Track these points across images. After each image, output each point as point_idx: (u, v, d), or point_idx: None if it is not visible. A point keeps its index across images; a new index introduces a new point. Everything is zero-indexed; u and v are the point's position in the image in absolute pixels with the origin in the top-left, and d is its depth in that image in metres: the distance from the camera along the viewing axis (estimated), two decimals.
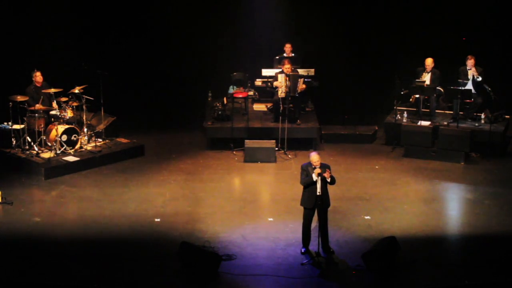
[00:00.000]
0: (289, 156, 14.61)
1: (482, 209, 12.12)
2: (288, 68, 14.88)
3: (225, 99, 15.74)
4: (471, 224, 11.59)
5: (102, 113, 14.63)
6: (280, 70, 15.04)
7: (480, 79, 14.82)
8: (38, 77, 14.05)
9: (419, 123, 14.93)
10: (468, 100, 15.02)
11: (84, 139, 14.35)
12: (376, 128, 15.99)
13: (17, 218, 11.62)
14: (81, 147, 14.17)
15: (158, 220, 11.60)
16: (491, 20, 16.68)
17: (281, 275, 9.81)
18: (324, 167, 10.17)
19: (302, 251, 10.45)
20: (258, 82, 16.45)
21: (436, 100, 15.51)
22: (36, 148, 13.77)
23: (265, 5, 17.11)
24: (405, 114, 15.37)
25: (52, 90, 13.92)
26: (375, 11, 17.30)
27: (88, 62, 14.69)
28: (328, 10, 17.20)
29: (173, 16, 17.01)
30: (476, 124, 14.88)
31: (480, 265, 10.16)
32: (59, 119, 13.84)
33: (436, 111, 15.54)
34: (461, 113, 15.14)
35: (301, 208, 10.45)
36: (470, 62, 14.88)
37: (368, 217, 11.71)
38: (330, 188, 10.34)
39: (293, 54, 16.19)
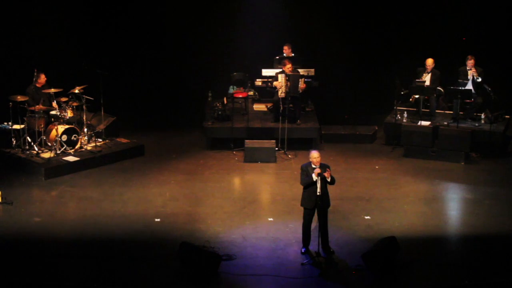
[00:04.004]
0: (289, 156, 14.62)
1: (482, 209, 12.12)
2: (289, 68, 14.89)
3: (225, 99, 15.74)
4: (471, 224, 11.60)
5: (102, 113, 14.62)
6: (281, 70, 15.04)
7: (480, 79, 14.81)
8: (42, 79, 14.05)
9: (419, 123, 14.93)
10: (468, 100, 15.03)
11: (84, 139, 14.35)
12: (376, 128, 15.99)
13: (17, 218, 11.62)
14: (81, 147, 14.17)
15: (158, 220, 11.60)
16: (491, 20, 16.68)
17: (281, 275, 9.81)
18: (324, 167, 10.17)
19: (302, 251, 10.45)
20: (258, 82, 16.46)
21: (436, 100, 15.51)
22: (36, 148, 13.77)
23: (265, 5, 17.12)
24: (405, 114, 15.37)
25: (52, 90, 13.91)
26: (375, 11, 17.30)
27: (88, 62, 14.69)
28: (328, 10, 17.21)
29: (173, 16, 17.02)
30: (476, 124, 14.88)
31: (480, 265, 10.16)
32: (59, 119, 13.84)
33: (436, 111, 15.54)
34: (461, 113, 15.14)
35: (301, 208, 10.45)
36: (470, 62, 14.88)
37: (368, 217, 11.71)
38: (330, 188, 10.34)
39: (293, 54, 16.20)
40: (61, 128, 13.76)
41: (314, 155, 10.16)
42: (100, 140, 14.64)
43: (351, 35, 17.33)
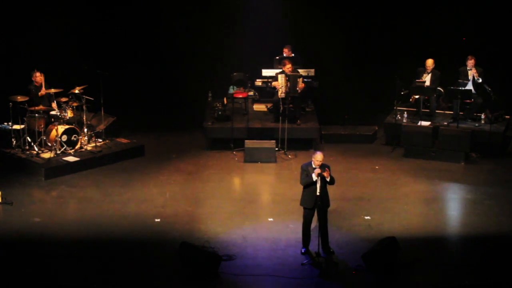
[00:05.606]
0: (289, 156, 14.61)
1: (482, 209, 12.12)
2: (289, 68, 14.88)
3: (225, 99, 15.74)
4: (471, 224, 11.60)
5: (102, 113, 14.62)
6: (281, 70, 15.03)
7: (480, 79, 14.80)
8: (38, 77, 14.04)
9: (419, 123, 14.93)
10: (468, 100, 15.02)
11: (84, 139, 14.34)
12: (376, 128, 15.98)
13: (17, 218, 11.62)
14: (81, 147, 14.16)
15: (158, 220, 11.60)
16: (491, 20, 16.69)
17: (281, 275, 9.81)
18: (324, 167, 10.17)
19: (302, 251, 10.45)
20: (258, 82, 16.45)
21: (436, 100, 15.51)
22: (36, 148, 13.77)
23: (265, 5, 17.11)
24: (405, 114, 15.37)
25: (52, 90, 13.92)
26: (375, 11, 17.30)
27: (88, 62, 14.67)
28: (328, 10, 17.21)
29: (173, 16, 17.02)
30: (476, 124, 14.88)
31: (480, 265, 10.16)
32: (59, 119, 13.83)
33: (436, 111, 15.53)
34: (461, 113, 15.14)
35: (301, 208, 10.45)
36: (470, 63, 14.87)
37: (368, 217, 11.71)
38: (330, 188, 10.34)
39: (293, 55, 16.19)
40: (61, 128, 13.76)
41: (318, 157, 10.10)
42: (100, 140, 14.64)
43: (351, 35, 17.32)
